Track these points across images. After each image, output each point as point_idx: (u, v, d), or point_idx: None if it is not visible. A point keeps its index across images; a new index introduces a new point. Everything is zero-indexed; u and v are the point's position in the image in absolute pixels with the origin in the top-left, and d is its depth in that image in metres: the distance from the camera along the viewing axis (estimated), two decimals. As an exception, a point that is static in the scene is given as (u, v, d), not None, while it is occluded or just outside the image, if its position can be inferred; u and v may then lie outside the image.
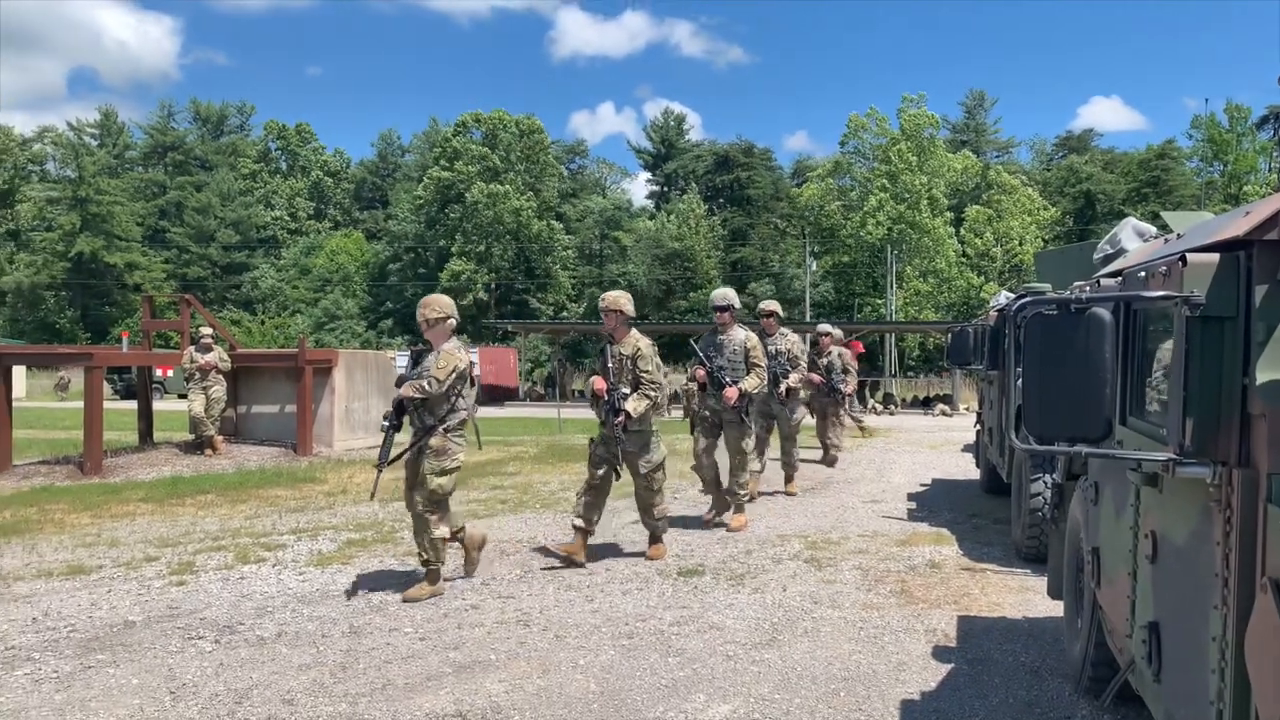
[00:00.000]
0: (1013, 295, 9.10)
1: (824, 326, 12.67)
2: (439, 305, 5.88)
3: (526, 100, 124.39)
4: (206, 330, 13.48)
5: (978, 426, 10.94)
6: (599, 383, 6.54)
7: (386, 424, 5.74)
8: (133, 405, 15.89)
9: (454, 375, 5.62)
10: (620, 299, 6.68)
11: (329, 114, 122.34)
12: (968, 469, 12.11)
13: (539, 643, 4.85)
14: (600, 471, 6.47)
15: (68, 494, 9.95)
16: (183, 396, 18.53)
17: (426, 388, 5.54)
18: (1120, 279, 3.37)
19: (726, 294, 8.03)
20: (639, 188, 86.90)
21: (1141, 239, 4.25)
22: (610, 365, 6.51)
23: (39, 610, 5.49)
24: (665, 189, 72.35)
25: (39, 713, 3.94)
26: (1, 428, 11.67)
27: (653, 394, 6.47)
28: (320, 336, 55.91)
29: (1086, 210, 58.43)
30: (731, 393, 7.63)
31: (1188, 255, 2.17)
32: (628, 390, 6.47)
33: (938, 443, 16.20)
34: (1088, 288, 3.87)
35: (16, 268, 64.01)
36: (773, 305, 9.62)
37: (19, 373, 31.14)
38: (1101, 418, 2.24)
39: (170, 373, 30.47)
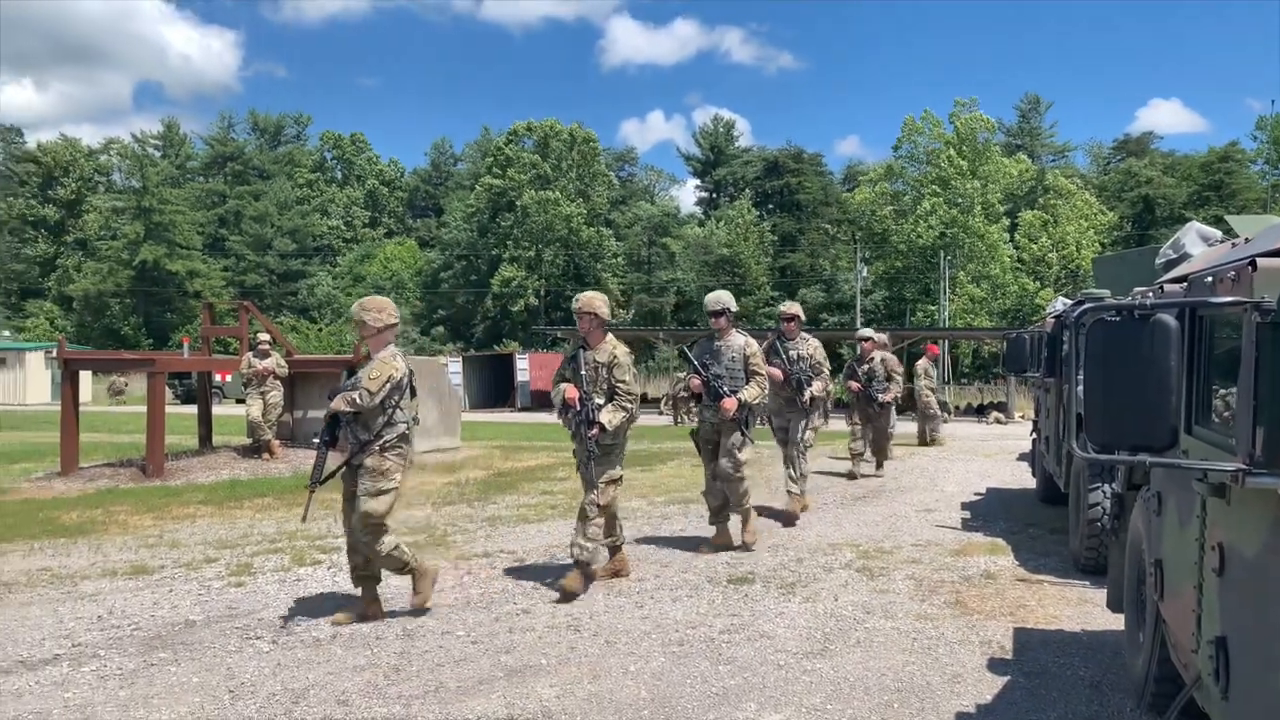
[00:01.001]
0: (1070, 301, 8.94)
1: (864, 331, 12.52)
2: (381, 309, 5.36)
3: (577, 108, 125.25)
4: (264, 336, 13.75)
5: (1034, 435, 10.75)
6: (570, 391, 5.92)
7: (318, 441, 5.28)
8: (193, 410, 16.26)
9: (388, 386, 5.13)
10: (595, 300, 6.10)
11: (383, 124, 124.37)
12: (1023, 478, 11.89)
13: (589, 648, 4.86)
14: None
15: (131, 496, 10.20)
16: (241, 401, 18.93)
17: (358, 400, 5.08)
18: (1185, 284, 3.29)
19: (721, 297, 7.36)
20: (687, 194, 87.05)
21: (1206, 243, 4.15)
22: (584, 373, 5.97)
23: (104, 609, 5.64)
24: (714, 195, 72.28)
25: (104, 708, 4.05)
26: (70, 431, 12.02)
27: (629, 405, 5.96)
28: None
29: (1145, 215, 57.11)
30: (730, 403, 6.95)
31: (1258, 260, 2.11)
32: (601, 400, 5.94)
33: (992, 451, 15.93)
34: (1150, 293, 3.79)
35: (84, 275, 65.94)
36: (794, 308, 8.99)
37: (84, 378, 32.01)
38: (1166, 426, 2.19)
39: (229, 378, 31.12)
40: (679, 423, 21.35)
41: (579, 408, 5.89)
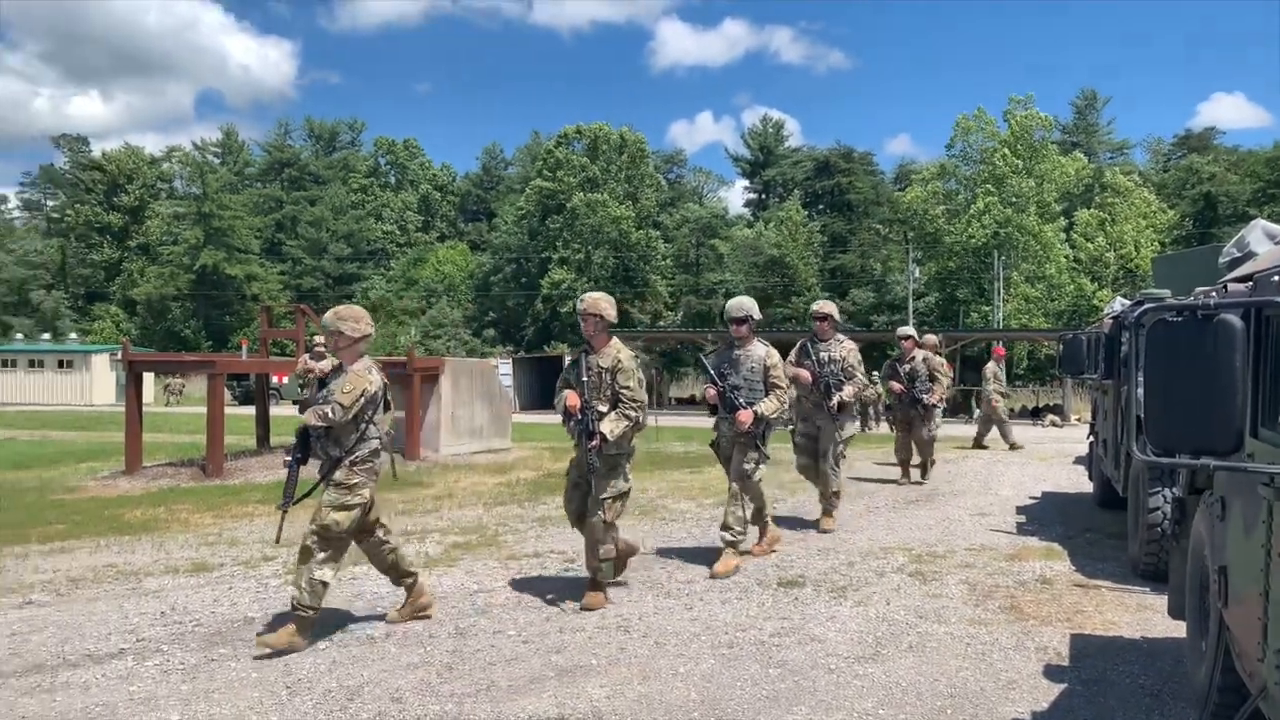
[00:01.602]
0: (1128, 301, 8.74)
1: (904, 329, 11.87)
2: (359, 319, 5.13)
3: (626, 111, 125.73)
4: (320, 338, 13.99)
5: (1091, 438, 10.53)
6: (572, 398, 5.61)
7: (289, 458, 5.04)
8: (251, 410, 16.60)
9: (361, 400, 4.90)
10: (600, 301, 5.79)
11: (436, 129, 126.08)
12: (1080, 482, 11.66)
13: (639, 649, 4.87)
14: (577, 506, 5.80)
15: (192, 495, 10.45)
16: (297, 402, 19.28)
17: (330, 415, 4.84)
18: (1250, 284, 3.21)
19: (744, 304, 6.98)
20: (735, 196, 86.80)
21: (1272, 241, 4.04)
22: (586, 379, 5.64)
23: (167, 605, 5.78)
24: (763, 196, 72.00)
25: (167, 702, 4.15)
26: (134, 431, 12.36)
27: (633, 414, 5.60)
28: (427, 344, 57.39)
29: (1207, 212, 55.63)
30: (745, 416, 6.55)
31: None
32: (604, 409, 5.61)
33: (1048, 454, 15.64)
34: (1214, 293, 3.70)
35: (146, 280, 67.74)
36: (827, 307, 8.51)
37: (147, 379, 32.85)
38: (1231, 429, 2.14)
39: (285, 379, 31.72)
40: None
41: (580, 416, 5.57)
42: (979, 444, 16.68)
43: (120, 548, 7.58)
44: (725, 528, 6.69)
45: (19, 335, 49.70)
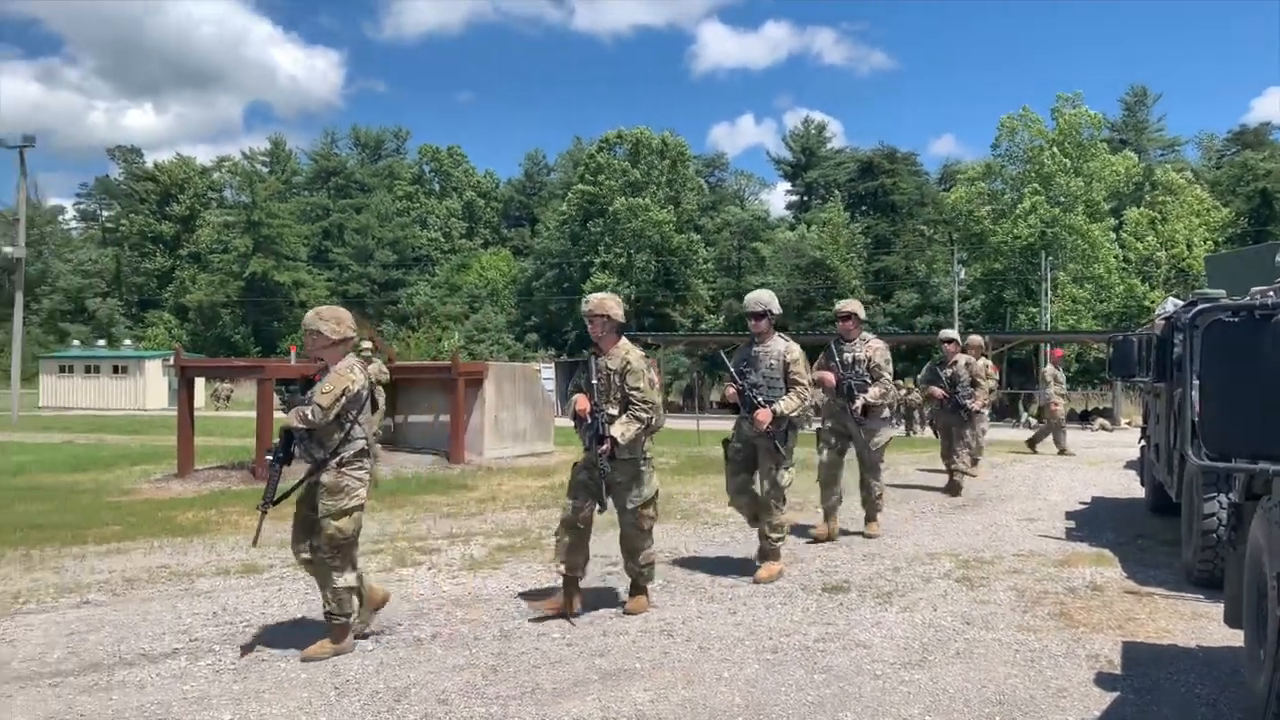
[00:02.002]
0: (1181, 302, 8.56)
1: (946, 332, 11.53)
2: (340, 319, 5.02)
3: (667, 115, 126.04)
4: (367, 344, 14.19)
5: (1142, 442, 10.33)
6: (581, 402, 5.45)
7: (271, 458, 4.92)
8: (299, 415, 16.84)
9: (342, 400, 4.78)
10: (607, 302, 5.58)
11: (479, 136, 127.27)
12: (1131, 487, 11.43)
13: (682, 653, 4.87)
14: (579, 502, 5.47)
15: (242, 497, 10.63)
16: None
17: (310, 416, 4.73)
18: (1308, 284, 3.13)
19: (761, 297, 6.68)
20: (777, 198, 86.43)
21: (1331, 240, 3.94)
22: (595, 381, 5.46)
23: (219, 605, 5.89)
24: (805, 198, 71.62)
25: (219, 701, 4.23)
26: (185, 435, 12.61)
27: (644, 416, 5.41)
28: (471, 349, 57.88)
29: (1263, 210, 54.29)
30: (763, 415, 6.30)
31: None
32: (615, 412, 5.44)
33: (1098, 459, 15.36)
34: (1271, 293, 3.61)
35: (198, 287, 69.16)
36: (851, 306, 8.15)
37: (197, 384, 33.50)
38: (1289, 433, 2.09)
39: (332, 384, 32.06)
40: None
41: (589, 420, 5.40)
42: (1032, 447, 16.27)
43: (173, 549, 7.73)
44: (763, 535, 6.57)
45: (76, 342, 51.02)
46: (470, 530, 8.55)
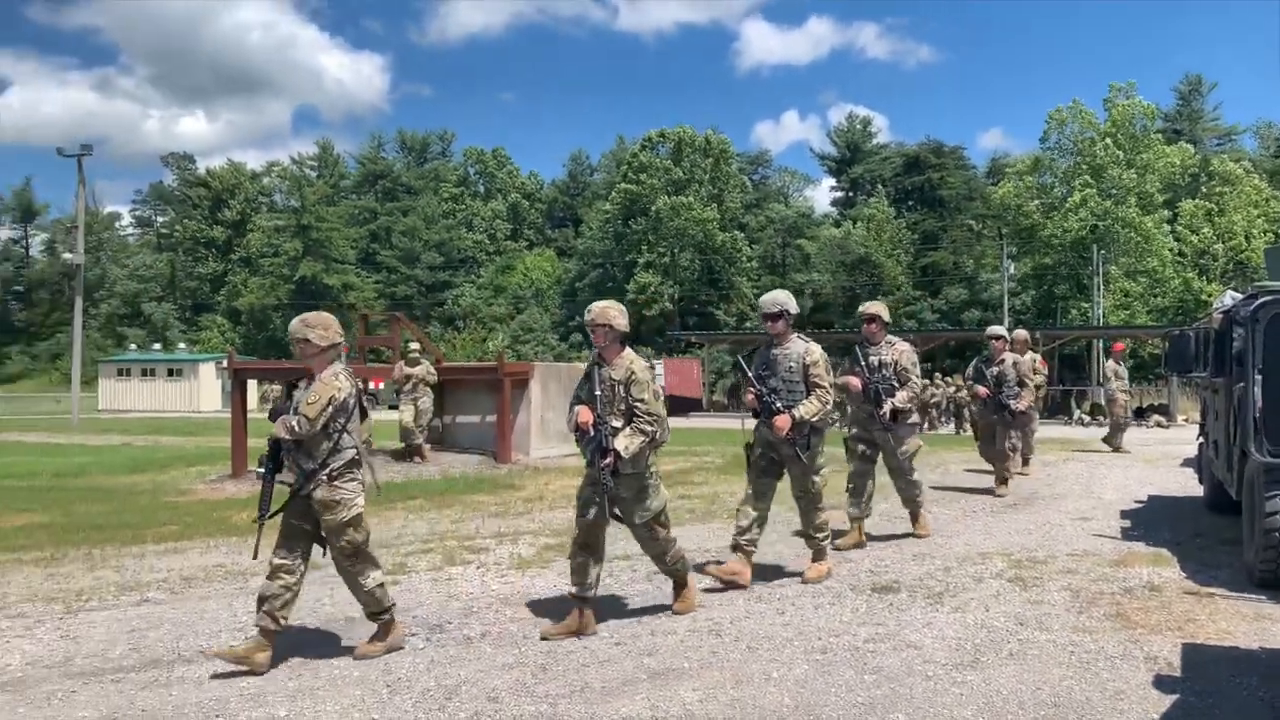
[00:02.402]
0: (1239, 295, 8.34)
1: (994, 329, 11.19)
2: (328, 326, 4.91)
3: (711, 113, 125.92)
4: (414, 345, 14.35)
5: (1200, 439, 10.09)
6: (584, 414, 5.21)
7: (261, 470, 4.79)
8: (349, 416, 17.06)
9: (330, 410, 4.64)
10: (609, 311, 5.35)
11: (523, 138, 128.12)
12: (1188, 485, 11.18)
13: (731, 653, 4.86)
14: (588, 520, 5.22)
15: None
16: (393, 407, 19.78)
17: (296, 428, 4.61)
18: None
19: (778, 298, 6.36)
20: (822, 194, 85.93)
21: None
22: (599, 393, 5.23)
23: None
24: (851, 194, 71.03)
25: (275, 697, 4.31)
26: (239, 436, 12.86)
27: (649, 428, 5.19)
28: (516, 350, 58.30)
29: (1326, 200, 52.72)
30: (782, 421, 6.04)
31: None
32: (618, 424, 5.21)
33: (1153, 456, 15.04)
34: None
35: (249, 290, 70.46)
36: (876, 307, 7.83)
37: (249, 386, 34.12)
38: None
39: (382, 385, 32.55)
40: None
41: (593, 433, 5.17)
42: (1114, 446, 15.74)
43: (229, 548, 7.88)
44: (809, 537, 6.48)
45: (133, 345, 52.33)
46: (518, 529, 8.61)
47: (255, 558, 5.04)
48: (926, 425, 23.65)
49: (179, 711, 4.17)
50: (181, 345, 55.06)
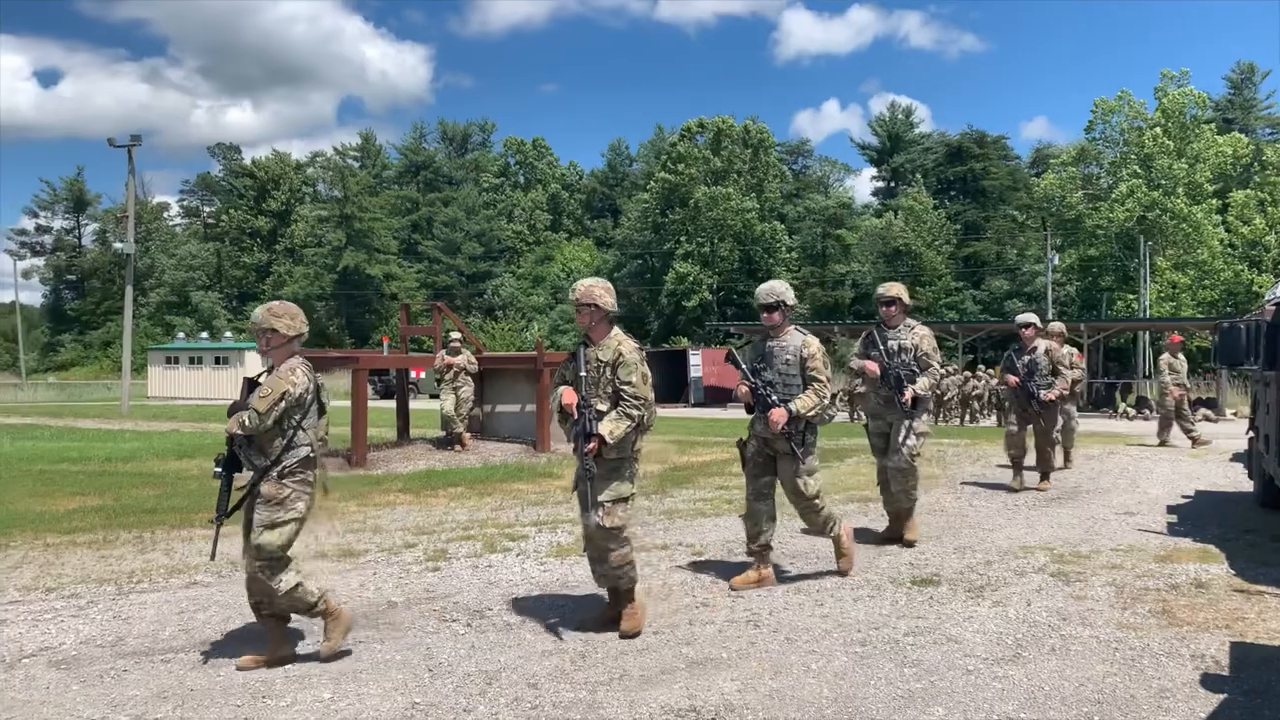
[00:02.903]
0: (1295, 288, 8.15)
1: (1024, 316, 10.76)
2: (294, 315, 4.73)
3: (751, 103, 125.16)
4: (455, 335, 14.47)
5: (1250, 433, 9.87)
6: (568, 395, 5.00)
7: (218, 468, 4.57)
8: (392, 404, 17.30)
9: (282, 404, 4.45)
10: (595, 290, 5.11)
11: (563, 128, 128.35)
12: (1238, 480, 10.95)
13: (769, 644, 4.86)
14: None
15: (337, 484, 10.95)
16: (434, 396, 19.99)
17: (246, 423, 4.43)
18: None
19: (774, 288, 6.07)
20: (862, 184, 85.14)
21: None
22: (584, 374, 5.03)
23: (317, 588, 6.08)
24: (892, 184, 70.34)
25: (319, 680, 4.39)
26: (283, 424, 13.03)
27: (635, 413, 4.96)
28: (555, 340, 58.55)
29: (1384, 189, 51.14)
30: (778, 415, 5.76)
31: None
32: (604, 407, 4.99)
33: (1200, 451, 14.75)
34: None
35: (293, 280, 71.42)
36: (895, 289, 7.45)
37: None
38: None
39: (423, 374, 32.88)
40: (854, 419, 20.95)
41: (576, 416, 4.98)
42: (1195, 440, 15.31)
43: (274, 534, 8.02)
44: (822, 534, 6.27)
45: (181, 334, 53.23)
46: (557, 517, 8.67)
47: (212, 559, 4.78)
48: (969, 418, 23.44)
49: (226, 692, 4.26)
50: (228, 334, 56.00)
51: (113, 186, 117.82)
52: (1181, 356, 15.98)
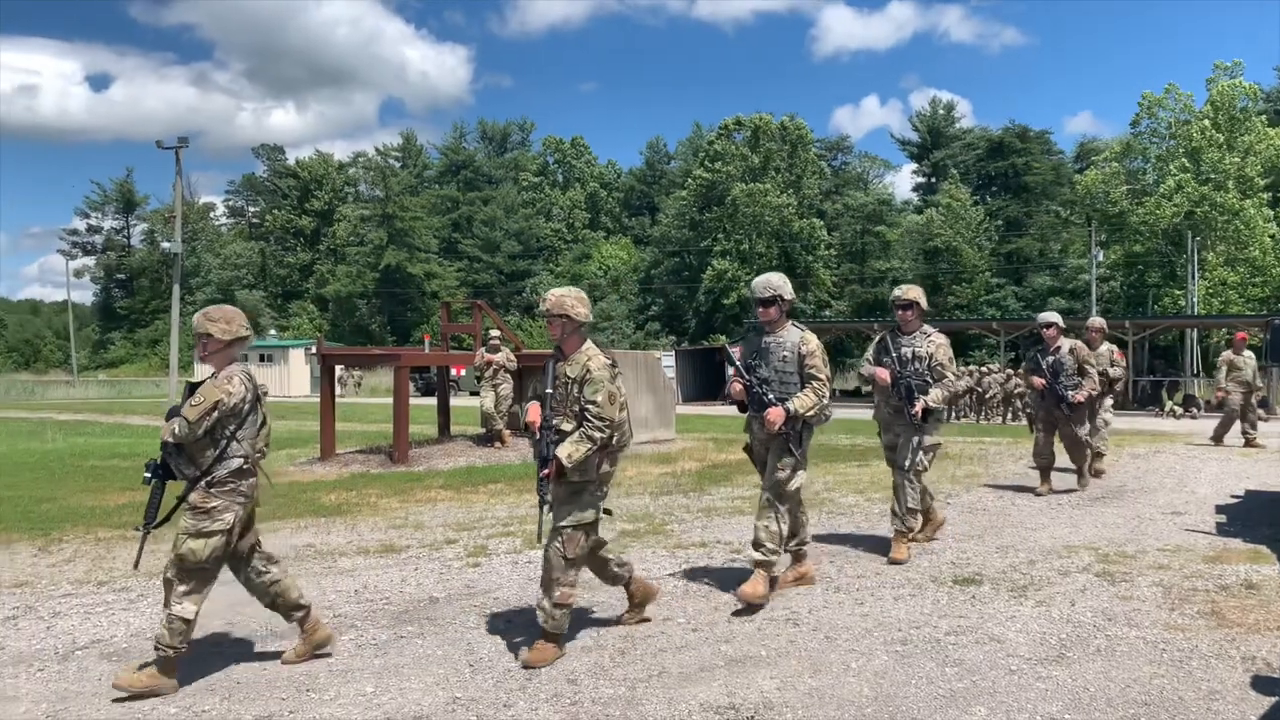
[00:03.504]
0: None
1: (1047, 315, 10.26)
2: (230, 319, 4.46)
3: (789, 99, 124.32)
4: (495, 332, 14.57)
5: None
6: (532, 412, 4.75)
7: (150, 475, 4.35)
8: (433, 401, 17.45)
9: (214, 414, 4.23)
10: (565, 300, 4.78)
11: (602, 126, 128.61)
12: (1293, 480, 10.71)
13: (809, 642, 4.84)
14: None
15: (380, 480, 11.10)
16: (474, 394, 20.13)
17: (176, 431, 4.22)
18: None
19: (772, 282, 5.74)
20: (903, 180, 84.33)
21: None
22: (550, 390, 4.74)
23: (359, 584, 6.18)
24: (932, 180, 69.58)
25: (362, 674, 4.45)
26: (327, 420, 13.23)
27: (598, 434, 4.58)
28: (593, 338, 58.63)
29: None
30: (774, 414, 5.49)
31: None
32: (568, 427, 4.66)
33: (1253, 451, 14.43)
34: None
35: (336, 279, 72.30)
36: (913, 293, 6.95)
37: (337, 372, 35.03)
38: None
39: (463, 371, 33.13)
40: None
41: (537, 435, 4.68)
42: (1249, 441, 14.87)
43: (317, 529, 8.15)
44: (756, 545, 5.60)
45: (226, 332, 54.03)
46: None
47: (136, 567, 4.72)
48: (1011, 416, 23.11)
49: (271, 684, 4.33)
50: (273, 332, 56.88)
51: (161, 187, 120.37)
52: (1248, 354, 15.51)
